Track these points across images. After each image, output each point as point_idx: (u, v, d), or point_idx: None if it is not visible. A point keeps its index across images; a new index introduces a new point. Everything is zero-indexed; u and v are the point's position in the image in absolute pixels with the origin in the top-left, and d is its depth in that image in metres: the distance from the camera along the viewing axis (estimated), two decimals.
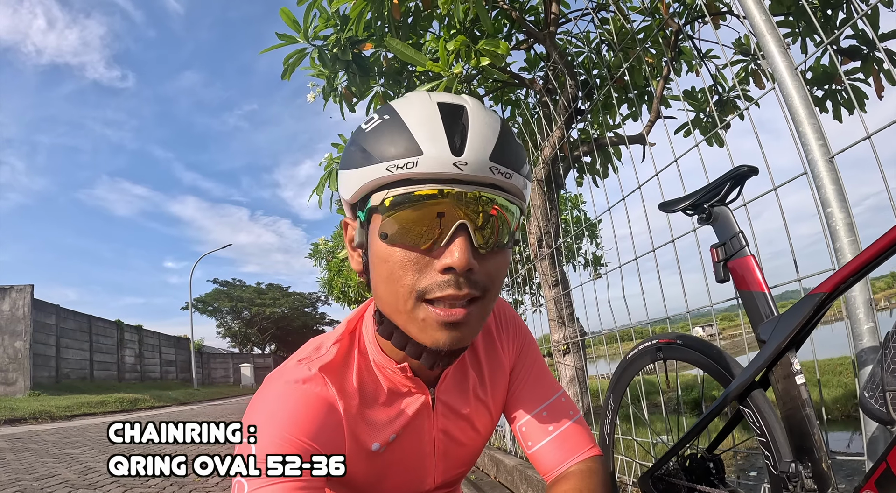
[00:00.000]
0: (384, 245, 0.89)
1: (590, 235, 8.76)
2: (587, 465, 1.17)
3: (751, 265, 1.47)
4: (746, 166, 1.54)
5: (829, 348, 12.92)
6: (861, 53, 4.08)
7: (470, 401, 1.22)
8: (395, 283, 0.90)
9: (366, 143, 0.89)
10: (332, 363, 1.06)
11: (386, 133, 0.88)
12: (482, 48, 3.24)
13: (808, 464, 1.28)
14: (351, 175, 0.91)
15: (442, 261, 0.87)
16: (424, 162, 0.84)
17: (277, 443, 0.93)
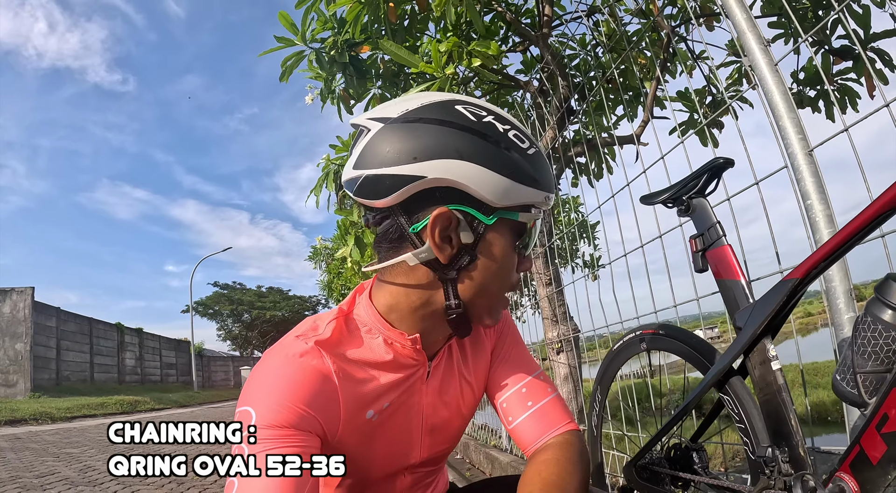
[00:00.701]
0: (512, 252, 1.09)
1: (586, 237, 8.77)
2: (565, 438, 1.22)
3: (727, 254, 1.50)
4: (722, 158, 1.57)
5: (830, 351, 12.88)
6: (853, 53, 4.11)
7: (455, 378, 1.28)
8: (507, 280, 1.12)
9: (531, 166, 1.04)
10: (329, 339, 1.11)
11: (542, 165, 1.06)
12: (474, 49, 3.27)
13: (785, 449, 1.30)
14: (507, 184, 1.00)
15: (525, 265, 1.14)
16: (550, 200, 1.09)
17: (277, 410, 0.99)
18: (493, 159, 0.98)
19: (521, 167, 1.00)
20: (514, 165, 0.99)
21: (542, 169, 1.05)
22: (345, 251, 5.54)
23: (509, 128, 1.03)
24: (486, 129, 1.00)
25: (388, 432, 1.19)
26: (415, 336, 1.13)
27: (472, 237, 1.01)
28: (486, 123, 1.01)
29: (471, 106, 1.03)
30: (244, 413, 1.00)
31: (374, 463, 1.23)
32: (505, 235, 1.04)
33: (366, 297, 1.19)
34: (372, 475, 1.25)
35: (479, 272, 1.05)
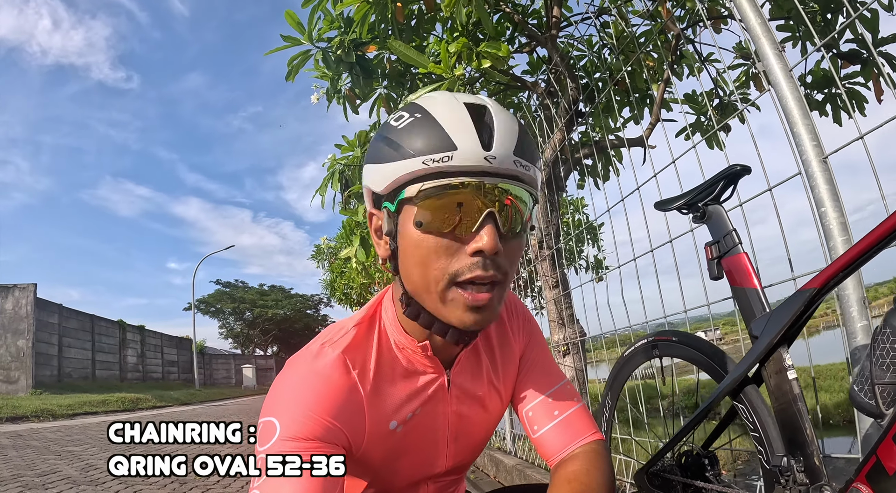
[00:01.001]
0: (418, 232, 0.97)
1: (591, 239, 8.76)
2: (591, 448, 1.21)
3: (744, 262, 1.49)
4: (739, 165, 1.57)
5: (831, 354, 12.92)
6: (861, 57, 4.10)
7: (483, 385, 1.26)
8: (429, 266, 0.98)
9: (399, 138, 0.96)
10: (353, 344, 1.10)
11: (420, 129, 0.95)
12: (483, 50, 3.26)
13: (800, 458, 1.30)
14: (383, 168, 0.97)
15: (472, 245, 0.95)
16: (459, 156, 0.92)
17: (302, 421, 0.98)
18: (374, 152, 1.01)
19: (388, 146, 0.98)
20: (383, 149, 0.98)
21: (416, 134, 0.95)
22: (349, 251, 5.53)
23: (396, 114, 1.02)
24: (381, 128, 1.04)
25: (413, 442, 1.18)
26: (424, 343, 1.12)
27: (388, 227, 1.02)
28: (384, 123, 1.04)
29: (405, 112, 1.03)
30: (268, 424, 0.99)
31: (398, 473, 1.22)
32: (407, 218, 0.98)
33: (389, 298, 1.19)
34: (396, 484, 1.24)
35: (403, 261, 1.02)
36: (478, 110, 0.97)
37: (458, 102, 0.98)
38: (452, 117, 0.95)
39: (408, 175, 0.94)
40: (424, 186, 0.93)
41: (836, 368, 12.77)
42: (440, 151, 0.92)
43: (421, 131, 0.95)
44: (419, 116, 0.97)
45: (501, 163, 0.94)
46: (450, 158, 0.92)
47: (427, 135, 0.94)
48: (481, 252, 0.95)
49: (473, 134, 0.93)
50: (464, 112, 0.96)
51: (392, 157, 0.96)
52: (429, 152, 0.92)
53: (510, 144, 0.95)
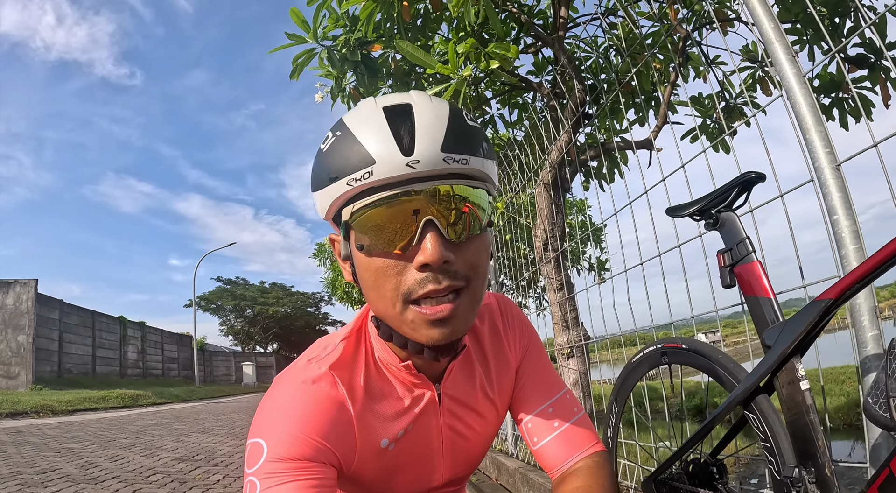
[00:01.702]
0: (363, 256, 0.94)
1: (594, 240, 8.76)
2: (593, 460, 1.19)
3: (757, 271, 1.48)
4: (754, 172, 1.55)
5: (832, 357, 12.91)
6: (868, 62, 4.08)
7: (477, 397, 1.23)
8: (380, 289, 0.94)
9: (325, 162, 0.93)
10: (341, 361, 1.07)
11: (340, 149, 0.91)
12: (492, 51, 3.25)
13: (812, 469, 1.28)
14: (319, 196, 0.95)
15: (417, 259, 0.90)
16: (379, 169, 0.87)
17: (289, 441, 0.95)
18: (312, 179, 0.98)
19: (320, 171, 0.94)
20: (317, 175, 0.95)
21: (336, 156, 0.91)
22: None
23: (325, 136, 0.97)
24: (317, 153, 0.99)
25: (407, 459, 1.16)
26: (407, 363, 1.09)
27: (344, 252, 1.00)
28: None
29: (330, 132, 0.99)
30: (255, 446, 0.97)
31: (394, 490, 1.20)
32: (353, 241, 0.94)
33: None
34: None
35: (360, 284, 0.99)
36: (397, 111, 0.91)
37: (376, 108, 0.92)
38: (368, 128, 0.90)
39: (339, 200, 0.91)
40: (354, 207, 0.90)
41: (836, 371, 12.76)
42: (360, 168, 0.87)
43: (340, 151, 0.90)
44: (339, 133, 0.93)
45: (428, 164, 0.87)
46: (370, 174, 0.87)
47: (346, 154, 0.89)
48: (427, 265, 0.90)
49: (390, 140, 0.87)
50: (380, 118, 0.90)
51: (322, 182, 0.93)
52: (350, 172, 0.88)
53: (436, 141, 0.88)
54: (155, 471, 5.79)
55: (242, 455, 6.83)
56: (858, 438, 8.63)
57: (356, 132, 0.90)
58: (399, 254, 0.91)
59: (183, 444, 8.28)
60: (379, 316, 1.01)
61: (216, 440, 8.92)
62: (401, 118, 0.90)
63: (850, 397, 10.88)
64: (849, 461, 1.78)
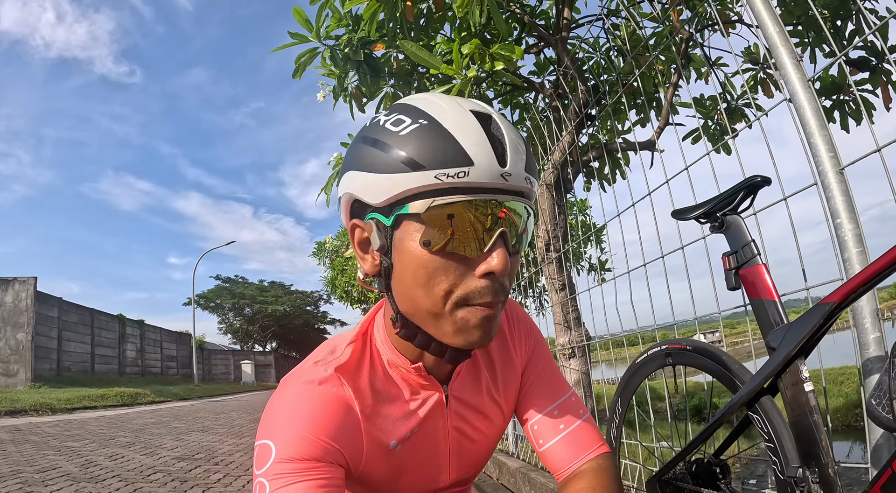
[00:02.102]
0: (424, 251, 0.90)
1: (595, 240, 8.77)
2: (598, 462, 1.20)
3: (762, 274, 1.49)
4: (759, 177, 1.56)
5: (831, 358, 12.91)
6: (870, 65, 4.10)
7: (483, 400, 1.24)
8: (434, 287, 0.92)
9: (403, 147, 0.88)
10: (348, 364, 1.07)
11: (429, 139, 0.87)
12: (496, 52, 3.26)
13: (815, 470, 1.30)
14: (381, 179, 0.89)
15: (482, 267, 0.91)
16: (476, 172, 0.86)
17: (298, 442, 0.95)
18: (364, 159, 0.93)
19: (386, 154, 0.89)
20: (383, 157, 0.90)
21: (426, 145, 0.87)
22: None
23: (392, 116, 0.93)
24: (369, 130, 0.96)
25: (413, 460, 1.16)
26: (418, 365, 1.10)
27: (380, 242, 0.95)
28: (372, 124, 0.96)
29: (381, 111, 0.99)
30: (264, 447, 0.97)
31: (401, 491, 1.21)
32: (409, 234, 0.91)
33: (381, 315, 1.16)
34: None
35: (399, 280, 0.96)
36: (484, 118, 0.91)
37: (465, 110, 0.91)
38: (463, 128, 0.88)
39: (415, 189, 0.87)
40: (435, 202, 0.87)
41: (835, 372, 12.77)
42: (456, 166, 0.85)
43: (430, 142, 0.87)
44: (424, 122, 0.89)
45: (515, 180, 0.89)
46: (466, 174, 0.85)
47: (438, 147, 0.86)
48: (492, 274, 0.91)
49: (489, 148, 0.87)
50: (474, 122, 0.89)
51: (394, 167, 0.88)
52: (442, 166, 0.85)
53: (522, 160, 0.91)
54: (155, 470, 5.79)
55: (242, 454, 6.84)
56: (857, 439, 8.65)
57: (449, 128, 0.88)
58: (462, 256, 0.91)
59: (182, 443, 8.28)
60: (411, 313, 0.99)
61: (216, 438, 8.92)
62: (492, 127, 0.90)
63: (848, 398, 10.90)
64: (850, 461, 1.79)
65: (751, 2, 1.94)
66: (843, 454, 7.61)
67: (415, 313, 0.98)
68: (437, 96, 0.96)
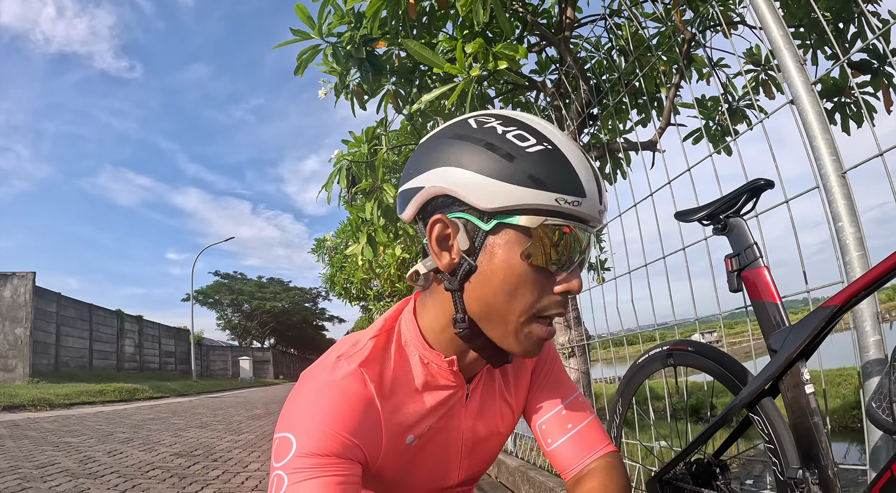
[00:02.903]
0: (521, 262, 0.96)
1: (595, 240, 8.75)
2: (606, 461, 1.22)
3: (764, 276, 1.50)
4: (763, 180, 1.57)
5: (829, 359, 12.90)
6: (871, 67, 4.10)
7: (496, 400, 1.26)
8: (519, 297, 0.98)
9: (529, 164, 0.93)
10: (370, 358, 1.08)
11: (552, 163, 0.94)
12: (500, 51, 3.25)
13: (815, 471, 1.31)
14: (499, 186, 0.93)
15: (564, 285, 0.99)
16: (586, 205, 0.95)
17: (318, 437, 0.96)
18: (482, 162, 0.94)
19: (514, 167, 0.92)
20: (505, 166, 0.93)
21: (551, 168, 0.93)
22: (356, 249, 5.49)
23: (512, 129, 0.97)
24: (484, 133, 0.97)
25: (427, 456, 1.17)
26: (451, 358, 1.10)
27: (468, 243, 0.97)
28: (487, 129, 0.98)
29: (483, 116, 1.01)
30: (284, 440, 0.98)
31: (410, 487, 1.22)
32: (509, 243, 0.95)
33: (409, 311, 1.16)
34: None
35: (480, 284, 0.99)
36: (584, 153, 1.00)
37: (575, 145, 0.99)
38: (578, 162, 0.96)
39: (533, 205, 0.93)
40: (548, 221, 0.93)
41: (833, 373, 12.80)
42: (573, 195, 0.93)
43: (555, 167, 0.93)
44: (549, 147, 0.95)
45: (603, 216, 1.00)
46: (579, 204, 0.93)
47: (562, 173, 0.93)
48: (569, 293, 1.00)
49: (594, 186, 0.96)
50: (582, 157, 0.97)
51: (517, 179, 0.92)
52: (563, 192, 0.92)
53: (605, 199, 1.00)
54: (154, 466, 5.79)
55: (241, 451, 6.84)
56: (854, 440, 8.66)
57: (570, 158, 0.95)
58: (549, 274, 0.98)
59: (181, 439, 8.28)
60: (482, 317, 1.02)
61: (214, 435, 8.92)
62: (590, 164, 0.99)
63: (846, 399, 10.92)
64: (848, 463, 1.80)
65: (754, 3, 1.94)
66: (840, 455, 7.63)
67: (488, 316, 1.02)
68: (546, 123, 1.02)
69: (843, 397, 11.26)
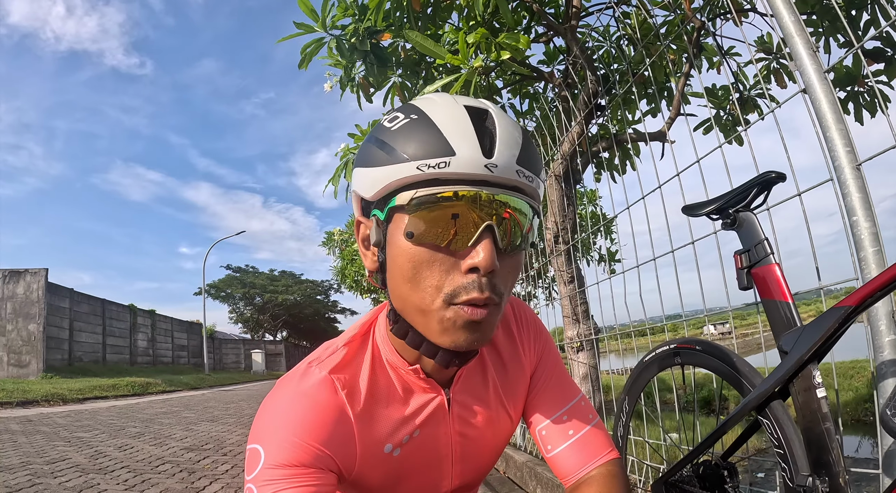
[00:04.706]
0: (409, 244, 0.89)
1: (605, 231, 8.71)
2: (607, 469, 1.18)
3: (775, 273, 1.44)
4: (774, 172, 1.51)
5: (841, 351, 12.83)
6: (885, 56, 4.02)
7: (490, 403, 1.21)
8: (422, 282, 0.90)
9: (393, 141, 0.89)
10: (342, 364, 1.05)
11: (415, 132, 0.88)
12: (503, 42, 3.21)
13: (826, 478, 1.25)
14: (373, 173, 0.91)
15: (467, 262, 0.88)
16: (457, 163, 0.85)
17: (287, 448, 0.94)
18: (363, 155, 0.94)
19: (380, 149, 0.90)
20: (375, 151, 0.91)
21: (411, 138, 0.88)
22: None
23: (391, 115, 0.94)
24: (374, 130, 0.96)
25: (413, 465, 1.14)
26: (416, 367, 1.07)
27: (376, 237, 0.95)
28: (377, 124, 0.96)
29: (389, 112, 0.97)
30: (253, 452, 0.96)
31: None
32: (398, 228, 0.91)
33: (384, 315, 1.12)
34: None
35: (391, 275, 0.95)
36: (479, 114, 0.90)
37: (458, 105, 0.92)
38: (451, 120, 0.88)
39: (399, 181, 0.87)
40: (417, 193, 0.86)
41: (845, 366, 12.72)
42: (436, 157, 0.85)
43: (415, 134, 0.88)
44: (415, 117, 0.90)
45: (503, 172, 0.87)
46: (447, 164, 0.85)
47: (422, 139, 0.87)
48: (476, 269, 0.88)
49: (474, 139, 0.86)
50: (464, 115, 0.89)
51: (383, 160, 0.89)
52: (423, 157, 0.86)
53: (513, 152, 0.89)
54: (164, 461, 5.81)
55: None
56: (867, 434, 8.60)
57: (436, 120, 0.88)
58: (449, 250, 0.89)
59: (192, 433, 8.31)
60: (402, 310, 0.98)
61: (225, 428, 8.95)
62: (482, 121, 0.90)
63: (858, 392, 10.85)
64: (860, 468, 1.75)
65: None
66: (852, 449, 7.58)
67: (403, 308, 0.97)
68: (440, 95, 0.96)
69: (856, 389, 11.18)
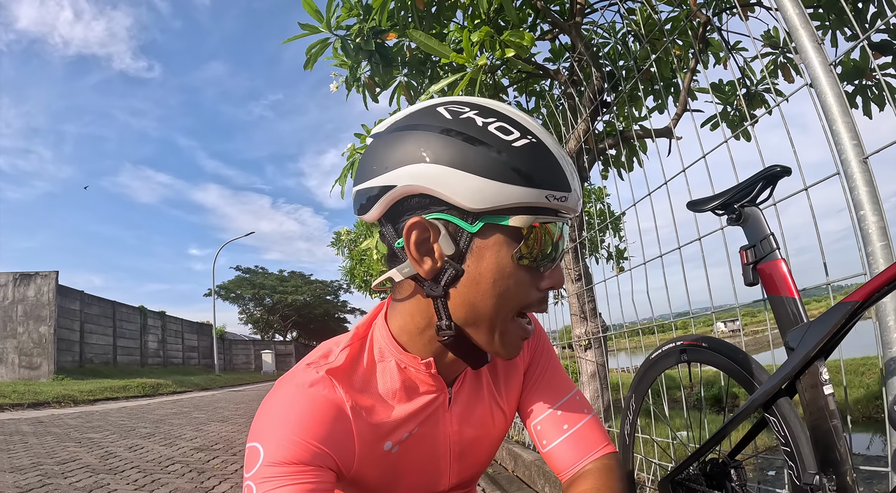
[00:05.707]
0: (512, 263, 0.93)
1: (613, 229, 8.67)
2: (603, 462, 1.18)
3: (781, 269, 1.42)
4: (779, 166, 1.49)
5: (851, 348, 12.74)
6: (893, 48, 3.99)
7: (485, 402, 1.21)
8: (510, 298, 0.96)
9: (519, 161, 0.88)
10: (341, 367, 1.05)
11: (540, 159, 0.90)
12: (507, 39, 3.20)
13: (833, 476, 1.23)
14: (485, 184, 0.87)
15: (548, 282, 0.99)
16: (571, 199, 0.93)
17: (286, 446, 0.94)
18: (466, 158, 0.87)
19: (501, 163, 0.86)
20: (492, 162, 0.87)
21: (539, 164, 0.88)
22: (370, 243, 5.52)
23: (493, 121, 0.90)
24: (462, 126, 0.90)
25: (412, 462, 1.14)
26: (428, 360, 1.06)
27: (454, 248, 0.92)
28: (463, 120, 0.91)
29: (454, 105, 0.94)
30: (252, 450, 0.96)
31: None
32: (498, 245, 0.91)
33: (381, 317, 1.12)
34: None
35: (468, 288, 0.94)
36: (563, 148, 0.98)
37: (552, 136, 0.96)
38: (560, 155, 0.93)
39: (524, 203, 0.89)
40: (539, 219, 0.91)
41: (856, 363, 12.62)
42: (560, 191, 0.90)
43: (541, 161, 0.90)
44: (533, 141, 0.91)
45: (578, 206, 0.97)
46: (566, 199, 0.91)
47: (549, 168, 0.90)
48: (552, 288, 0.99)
49: (576, 178, 0.94)
50: (563, 150, 0.95)
51: (505, 176, 0.87)
52: (551, 188, 0.89)
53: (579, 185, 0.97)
54: (174, 461, 5.83)
55: None
56: (877, 431, 8.54)
57: (553, 151, 0.93)
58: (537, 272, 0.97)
59: (202, 433, 8.34)
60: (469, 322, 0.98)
61: (235, 428, 8.97)
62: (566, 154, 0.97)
63: (868, 389, 10.76)
64: (869, 466, 1.73)
65: None
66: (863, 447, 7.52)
67: (476, 321, 0.98)
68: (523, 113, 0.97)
69: (867, 386, 11.09)
